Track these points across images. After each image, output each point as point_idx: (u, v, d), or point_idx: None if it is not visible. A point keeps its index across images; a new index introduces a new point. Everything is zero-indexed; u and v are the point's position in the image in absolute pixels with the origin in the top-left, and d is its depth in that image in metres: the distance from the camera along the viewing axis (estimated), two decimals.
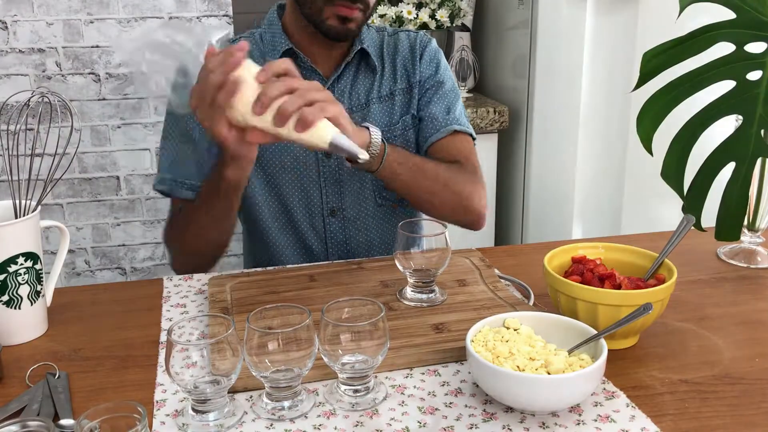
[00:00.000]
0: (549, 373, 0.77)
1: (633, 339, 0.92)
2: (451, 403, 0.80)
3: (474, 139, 1.31)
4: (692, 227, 0.99)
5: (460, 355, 0.88)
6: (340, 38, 1.20)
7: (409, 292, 1.03)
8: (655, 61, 1.11)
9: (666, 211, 2.21)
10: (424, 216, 1.27)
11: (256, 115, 0.88)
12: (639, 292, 0.86)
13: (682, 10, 1.12)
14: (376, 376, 0.84)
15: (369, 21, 1.25)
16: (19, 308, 0.94)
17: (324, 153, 1.25)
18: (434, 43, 1.34)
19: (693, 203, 1.13)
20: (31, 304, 0.95)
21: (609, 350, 0.89)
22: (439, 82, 1.30)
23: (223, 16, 2.52)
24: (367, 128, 1.07)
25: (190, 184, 1.21)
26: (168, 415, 0.79)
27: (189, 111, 0.93)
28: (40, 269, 0.96)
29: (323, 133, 0.89)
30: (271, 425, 0.77)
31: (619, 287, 0.90)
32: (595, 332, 0.81)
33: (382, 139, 1.08)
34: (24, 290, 0.94)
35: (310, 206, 1.29)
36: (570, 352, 0.81)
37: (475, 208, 1.22)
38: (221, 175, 1.01)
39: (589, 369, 0.75)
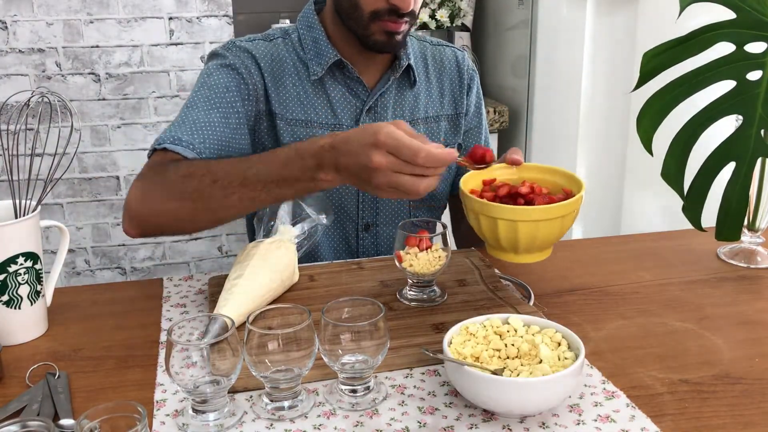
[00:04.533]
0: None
1: (546, 252, 1.01)
2: (451, 403, 0.80)
3: None
4: (692, 227, 0.99)
5: None
6: (386, 51, 1.19)
7: (409, 292, 1.03)
8: (655, 61, 1.11)
9: (666, 211, 2.21)
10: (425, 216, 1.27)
11: None
12: (556, 205, 0.94)
13: (682, 10, 1.12)
14: (376, 376, 0.84)
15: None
16: (19, 308, 0.94)
17: None
18: (477, 73, 1.37)
19: (693, 203, 1.13)
20: (31, 304, 0.95)
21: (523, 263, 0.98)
22: (479, 124, 1.37)
23: (223, 16, 2.52)
24: None
25: (207, 155, 1.10)
26: (168, 415, 0.79)
27: None
28: (40, 269, 0.96)
29: None
30: (271, 425, 0.77)
31: (532, 203, 0.97)
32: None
33: None
34: (24, 290, 0.94)
35: (344, 220, 1.28)
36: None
37: None
38: (315, 175, 0.92)
39: (556, 375, 0.73)
